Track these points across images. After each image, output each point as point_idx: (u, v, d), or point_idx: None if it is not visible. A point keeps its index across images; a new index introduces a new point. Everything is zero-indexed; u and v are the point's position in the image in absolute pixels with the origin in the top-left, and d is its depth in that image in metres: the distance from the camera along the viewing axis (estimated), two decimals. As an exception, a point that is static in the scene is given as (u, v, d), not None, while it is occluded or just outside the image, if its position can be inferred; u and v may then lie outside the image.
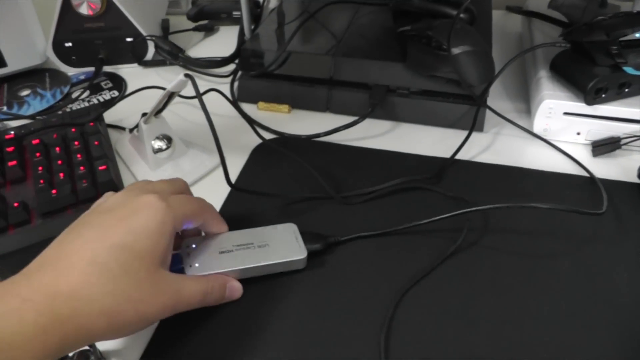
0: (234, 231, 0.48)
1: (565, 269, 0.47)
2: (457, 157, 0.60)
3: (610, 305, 0.44)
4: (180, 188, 0.47)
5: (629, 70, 0.57)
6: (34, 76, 0.78)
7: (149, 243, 0.38)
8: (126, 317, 0.36)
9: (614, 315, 0.43)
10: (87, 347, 0.39)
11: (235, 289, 0.45)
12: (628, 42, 0.58)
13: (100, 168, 0.56)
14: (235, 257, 0.45)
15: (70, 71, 0.80)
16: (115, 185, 0.56)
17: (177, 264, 0.44)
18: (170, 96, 0.55)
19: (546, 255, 0.49)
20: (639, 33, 0.58)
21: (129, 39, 0.79)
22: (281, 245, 0.47)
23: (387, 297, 0.45)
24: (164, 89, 0.57)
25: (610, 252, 0.49)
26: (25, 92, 0.75)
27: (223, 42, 0.86)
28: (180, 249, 0.46)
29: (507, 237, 0.51)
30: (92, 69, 0.79)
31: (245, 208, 0.54)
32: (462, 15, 0.67)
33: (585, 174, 0.57)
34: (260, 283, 0.47)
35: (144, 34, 0.79)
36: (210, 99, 0.64)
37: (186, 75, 0.51)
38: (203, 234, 0.48)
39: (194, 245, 0.46)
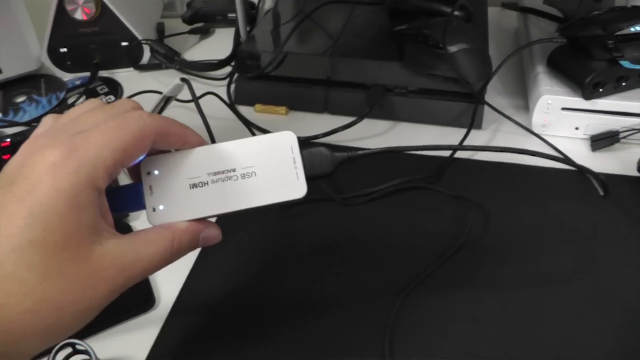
0: (211, 146, 0.35)
1: (568, 266, 0.47)
2: (457, 155, 0.59)
3: (613, 302, 0.44)
4: (111, 111, 0.32)
5: (625, 64, 0.57)
6: (30, 82, 0.78)
7: (64, 228, 0.28)
8: (62, 325, 0.29)
9: (617, 313, 0.43)
10: (86, 357, 0.39)
11: (212, 236, 0.35)
12: (624, 36, 0.58)
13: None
14: (211, 195, 0.34)
15: (66, 76, 0.80)
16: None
17: (138, 201, 0.34)
18: (167, 101, 0.55)
19: (548, 252, 0.49)
20: (635, 27, 0.58)
21: (124, 43, 0.79)
22: (273, 173, 0.34)
23: (390, 298, 0.45)
24: (160, 93, 0.57)
25: (613, 246, 0.49)
26: (20, 99, 0.74)
27: (219, 44, 0.86)
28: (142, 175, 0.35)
29: (509, 235, 0.50)
30: (87, 74, 0.79)
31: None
32: (458, 12, 0.67)
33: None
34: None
35: (139, 37, 0.79)
36: (207, 102, 0.64)
37: (182, 80, 0.50)
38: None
39: (156, 172, 0.34)
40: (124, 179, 0.37)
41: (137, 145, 0.31)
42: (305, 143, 0.36)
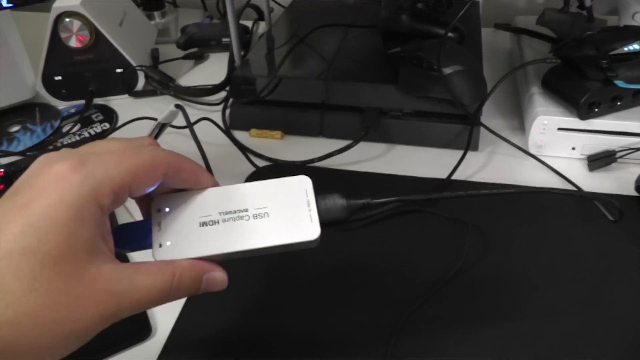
0: (224, 187, 0.35)
1: (569, 290, 0.47)
2: (453, 177, 0.59)
3: (616, 325, 0.43)
4: (128, 142, 0.32)
5: (620, 83, 0.57)
6: (24, 111, 0.78)
7: (60, 239, 0.27)
8: (43, 345, 0.27)
9: (620, 336, 0.43)
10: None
11: (216, 281, 0.33)
12: (618, 56, 0.58)
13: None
14: (220, 233, 0.33)
15: (61, 105, 0.79)
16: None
17: (146, 238, 0.33)
18: (162, 127, 0.54)
19: (548, 275, 0.48)
20: (628, 47, 0.58)
21: (118, 70, 0.79)
22: (286, 215, 0.34)
23: (387, 325, 0.44)
24: (155, 119, 0.57)
25: (615, 267, 0.48)
26: (15, 128, 0.74)
27: (213, 69, 0.86)
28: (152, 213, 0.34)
29: (508, 258, 0.50)
30: (82, 101, 0.79)
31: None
32: (451, 34, 0.67)
33: (582, 189, 0.57)
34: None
35: (134, 64, 0.79)
36: (202, 128, 0.64)
37: (176, 106, 0.50)
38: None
39: (167, 209, 0.34)
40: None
41: (147, 172, 0.31)
42: (317, 187, 0.36)
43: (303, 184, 0.35)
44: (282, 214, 0.34)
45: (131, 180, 0.30)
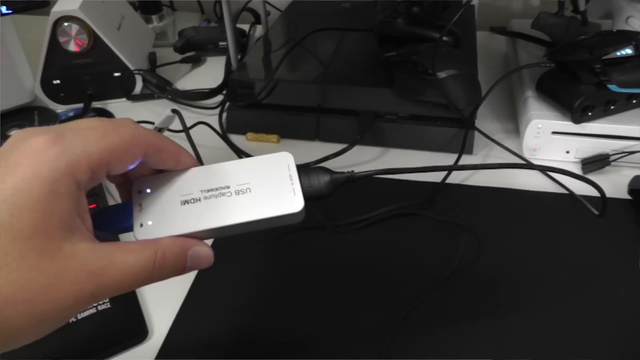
0: (206, 166, 0.34)
1: (563, 290, 0.47)
2: (448, 180, 0.60)
3: (610, 325, 0.44)
4: (114, 122, 0.31)
5: (613, 87, 0.57)
6: (23, 115, 0.78)
7: (34, 215, 0.26)
8: (13, 326, 0.25)
9: (614, 337, 0.43)
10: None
11: (202, 256, 0.32)
12: (611, 60, 0.58)
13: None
14: (202, 210, 0.32)
15: (59, 108, 0.80)
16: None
17: (126, 220, 0.33)
18: (159, 132, 0.55)
19: (541, 276, 0.48)
20: (621, 51, 0.58)
21: (116, 74, 0.79)
22: (268, 189, 0.33)
23: (382, 327, 0.45)
24: (152, 123, 0.57)
25: (607, 268, 0.49)
26: (13, 132, 0.74)
27: (211, 72, 0.87)
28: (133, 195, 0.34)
29: (502, 259, 0.50)
30: (80, 105, 0.79)
31: (234, 241, 0.54)
32: (446, 38, 0.67)
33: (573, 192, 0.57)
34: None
35: (132, 68, 0.79)
36: (199, 131, 0.64)
37: (173, 111, 0.51)
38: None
39: (148, 190, 0.33)
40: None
41: (126, 149, 0.30)
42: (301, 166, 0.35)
43: (285, 159, 0.34)
44: (265, 189, 0.33)
45: (109, 157, 0.29)
